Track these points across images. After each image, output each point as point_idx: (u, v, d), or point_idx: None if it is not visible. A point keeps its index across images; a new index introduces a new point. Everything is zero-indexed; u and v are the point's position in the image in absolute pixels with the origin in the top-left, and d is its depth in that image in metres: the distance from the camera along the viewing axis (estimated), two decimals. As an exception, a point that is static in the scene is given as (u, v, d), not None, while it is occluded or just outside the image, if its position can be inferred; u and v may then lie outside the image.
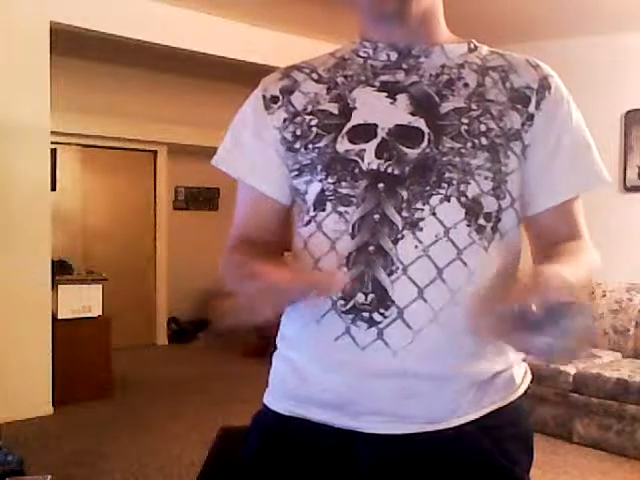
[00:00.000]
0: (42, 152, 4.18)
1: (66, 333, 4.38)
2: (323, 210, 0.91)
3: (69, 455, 3.44)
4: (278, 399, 0.98)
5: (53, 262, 4.40)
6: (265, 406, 1.01)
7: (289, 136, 0.96)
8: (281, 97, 0.98)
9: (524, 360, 0.99)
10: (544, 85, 0.94)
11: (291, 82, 0.99)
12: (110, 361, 4.67)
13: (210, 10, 4.54)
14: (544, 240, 0.97)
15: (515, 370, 0.95)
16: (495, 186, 0.89)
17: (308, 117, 0.95)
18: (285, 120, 0.97)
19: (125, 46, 4.51)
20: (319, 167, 0.92)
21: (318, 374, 0.91)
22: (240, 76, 5.39)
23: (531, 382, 0.99)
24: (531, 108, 0.93)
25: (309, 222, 0.93)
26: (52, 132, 4.25)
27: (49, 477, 2.44)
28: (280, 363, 1.00)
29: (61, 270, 5.05)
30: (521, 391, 0.96)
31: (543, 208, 0.95)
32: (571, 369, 3.67)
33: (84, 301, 4.61)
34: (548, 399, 3.70)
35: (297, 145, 0.95)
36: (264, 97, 1.00)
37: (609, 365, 3.74)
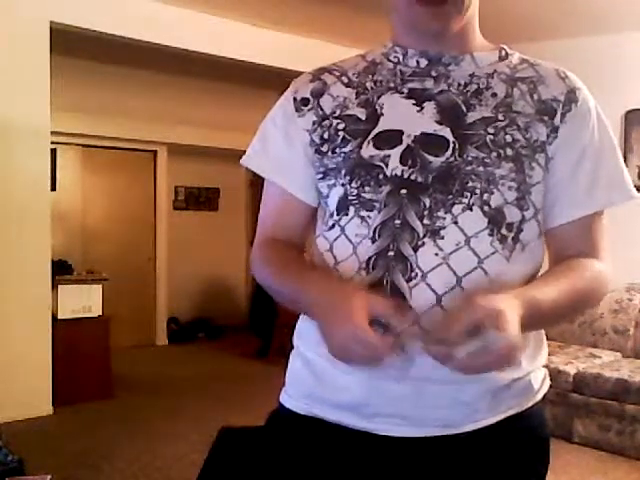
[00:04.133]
0: (42, 152, 4.17)
1: (66, 333, 4.38)
2: (346, 214, 0.92)
3: (69, 455, 3.44)
4: (294, 398, 0.99)
5: (53, 262, 4.40)
6: (281, 404, 1.01)
7: (317, 139, 0.97)
8: (311, 99, 0.99)
9: (545, 366, 0.98)
10: (571, 98, 0.94)
11: (321, 85, 1.00)
12: (110, 361, 4.67)
13: (210, 10, 4.53)
14: (559, 254, 0.96)
15: (533, 376, 0.95)
16: (519, 197, 0.88)
17: (336, 121, 0.96)
18: (314, 123, 0.98)
19: (125, 46, 4.51)
20: (343, 171, 0.93)
21: (334, 375, 0.91)
22: (240, 76, 5.40)
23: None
24: (556, 121, 0.92)
25: (333, 226, 0.94)
26: (52, 132, 4.25)
27: (49, 477, 2.44)
28: (297, 362, 1.00)
29: (61, 270, 5.05)
30: (539, 397, 0.96)
31: (560, 222, 0.94)
32: (571, 369, 3.67)
33: (84, 301, 4.61)
34: (548, 399, 3.69)
35: (324, 148, 0.96)
36: (295, 99, 1.01)
37: (609, 365, 3.74)
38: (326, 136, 0.96)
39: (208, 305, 7.43)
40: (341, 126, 0.95)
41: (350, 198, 0.91)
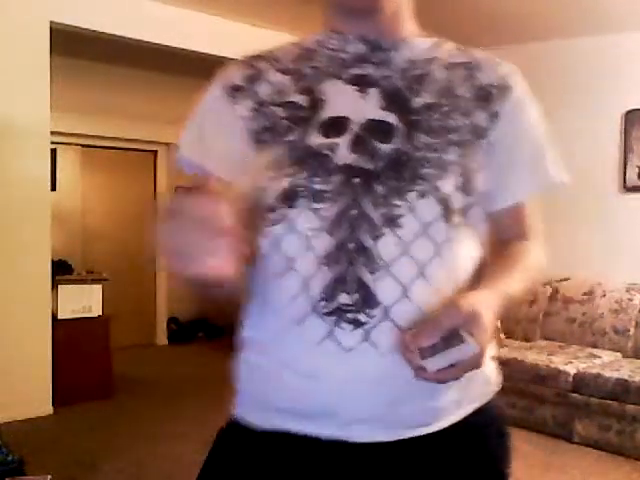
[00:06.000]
0: (42, 152, 4.18)
1: (66, 333, 4.38)
2: (295, 207, 0.85)
3: (69, 455, 3.44)
4: (252, 413, 0.92)
5: (53, 262, 4.40)
6: (235, 421, 0.94)
7: (256, 127, 0.91)
8: (245, 86, 0.94)
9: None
10: (507, 83, 0.94)
11: (255, 71, 0.95)
12: (110, 361, 4.68)
13: (210, 10, 4.54)
14: (495, 237, 0.96)
15: (488, 368, 0.94)
16: (465, 182, 0.87)
17: (275, 108, 0.91)
18: (252, 110, 0.92)
19: (125, 46, 4.51)
20: (289, 161, 0.86)
21: (298, 382, 0.85)
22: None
23: (531, 382, 0.99)
24: (495, 106, 0.92)
25: (279, 220, 0.86)
26: (52, 132, 4.25)
27: (49, 477, 2.44)
28: (251, 372, 0.94)
29: (61, 270, 5.05)
30: (496, 388, 0.96)
31: (498, 207, 0.95)
32: (571, 369, 3.67)
33: (84, 301, 4.61)
34: (548, 399, 3.70)
35: (265, 137, 0.90)
36: (227, 86, 0.94)
37: (609, 365, 3.74)
38: (266, 124, 0.90)
39: (208, 305, 7.43)
40: (282, 113, 0.90)
41: (299, 190, 0.84)
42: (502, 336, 4.46)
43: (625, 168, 4.47)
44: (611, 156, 4.52)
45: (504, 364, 3.85)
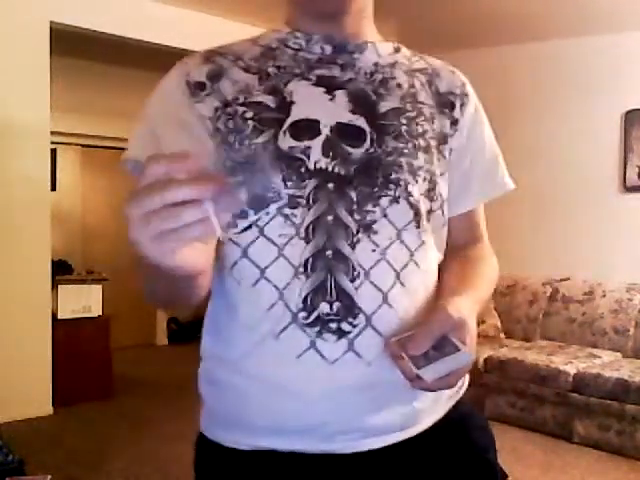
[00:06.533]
0: (42, 152, 4.18)
1: (66, 333, 4.39)
2: (266, 213, 0.81)
3: (69, 455, 3.44)
4: (227, 434, 0.89)
5: (53, 262, 4.40)
6: (213, 442, 0.92)
7: (222, 127, 0.85)
8: (208, 83, 0.88)
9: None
10: (464, 92, 0.96)
11: (217, 67, 0.89)
12: (110, 361, 4.68)
13: (210, 10, 4.54)
14: (449, 240, 0.97)
15: None
16: (430, 187, 0.88)
17: (241, 109, 0.85)
18: (217, 109, 0.86)
19: (125, 46, 4.51)
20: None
21: (278, 399, 0.82)
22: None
23: (531, 382, 1.00)
24: (456, 113, 0.94)
25: (248, 227, 0.82)
26: (52, 132, 4.25)
27: (49, 477, 2.44)
28: (220, 391, 0.91)
29: (61, 270, 5.05)
30: (464, 389, 0.97)
31: (456, 213, 0.96)
32: (571, 369, 3.67)
33: (84, 301, 4.61)
34: (548, 399, 3.69)
35: (231, 139, 0.84)
36: (188, 83, 0.88)
37: (609, 365, 3.74)
38: (231, 125, 0.84)
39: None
40: (249, 114, 0.84)
41: (271, 194, 0.81)
42: (502, 336, 4.46)
43: (625, 168, 4.47)
44: (611, 156, 4.52)
45: (504, 364, 3.86)
